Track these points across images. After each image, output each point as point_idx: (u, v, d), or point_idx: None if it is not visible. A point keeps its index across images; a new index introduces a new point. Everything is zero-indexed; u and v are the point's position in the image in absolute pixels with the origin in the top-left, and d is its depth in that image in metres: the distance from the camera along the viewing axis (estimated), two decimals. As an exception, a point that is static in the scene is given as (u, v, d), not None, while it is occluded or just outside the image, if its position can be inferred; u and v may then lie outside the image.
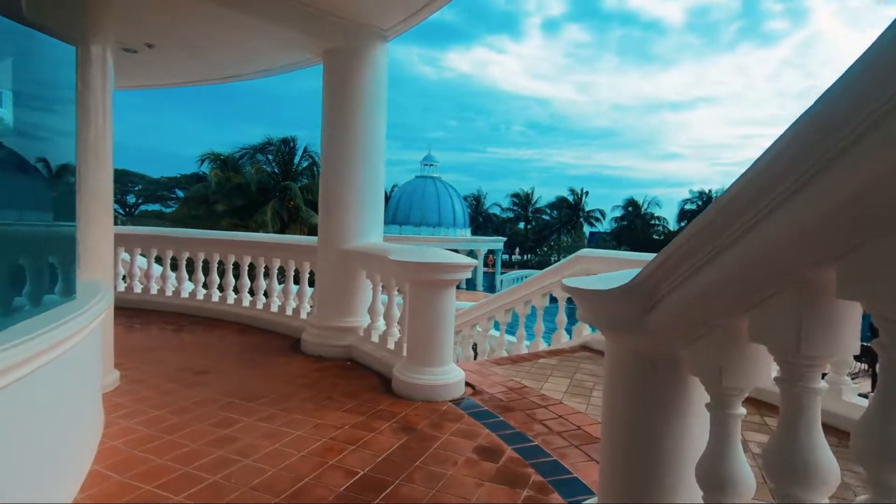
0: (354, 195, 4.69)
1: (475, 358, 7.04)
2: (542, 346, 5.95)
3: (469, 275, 3.70)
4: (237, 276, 6.14)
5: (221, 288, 6.20)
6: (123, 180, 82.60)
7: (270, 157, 22.47)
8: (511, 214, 59.57)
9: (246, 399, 3.38)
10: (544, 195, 60.20)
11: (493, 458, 2.64)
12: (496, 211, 59.20)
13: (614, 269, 4.79)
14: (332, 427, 2.97)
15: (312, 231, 24.33)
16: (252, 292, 6.03)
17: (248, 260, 6.01)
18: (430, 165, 36.13)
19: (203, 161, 25.64)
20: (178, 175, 40.57)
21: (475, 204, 57.20)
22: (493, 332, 7.16)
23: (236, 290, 6.18)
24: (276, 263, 5.79)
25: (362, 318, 4.70)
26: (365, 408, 3.30)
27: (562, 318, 5.77)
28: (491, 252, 39.38)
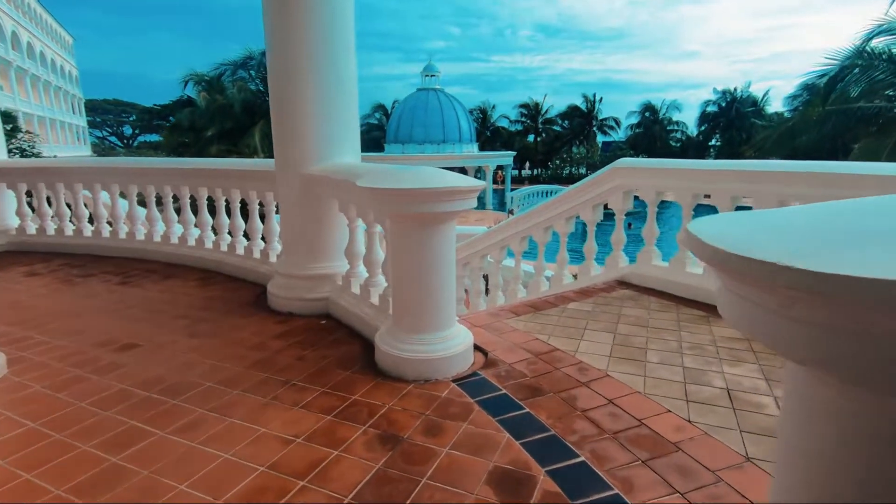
0: (315, 99, 3.46)
1: (486, 293, 6.07)
2: (567, 279, 4.93)
3: (474, 203, 2.57)
4: (196, 211, 5.08)
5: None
6: (117, 111, 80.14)
7: (253, 72, 20.36)
8: (520, 127, 56.63)
9: (170, 392, 2.43)
10: (555, 104, 56.61)
11: (520, 494, 1.69)
12: (504, 124, 56.24)
13: (663, 183, 3.52)
14: (279, 441, 2.02)
15: None
16: (215, 231, 4.99)
17: (204, 193, 4.90)
18: (432, 76, 33.37)
19: (186, 83, 23.66)
20: (170, 101, 38.24)
21: (481, 117, 54.18)
22: (507, 261, 6.15)
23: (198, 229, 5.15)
24: (237, 196, 4.68)
25: (340, 262, 3.66)
26: (333, 400, 2.35)
27: (591, 245, 4.69)
28: (500, 168, 37.62)
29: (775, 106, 46.06)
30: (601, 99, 52.30)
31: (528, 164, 56.69)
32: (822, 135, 9.89)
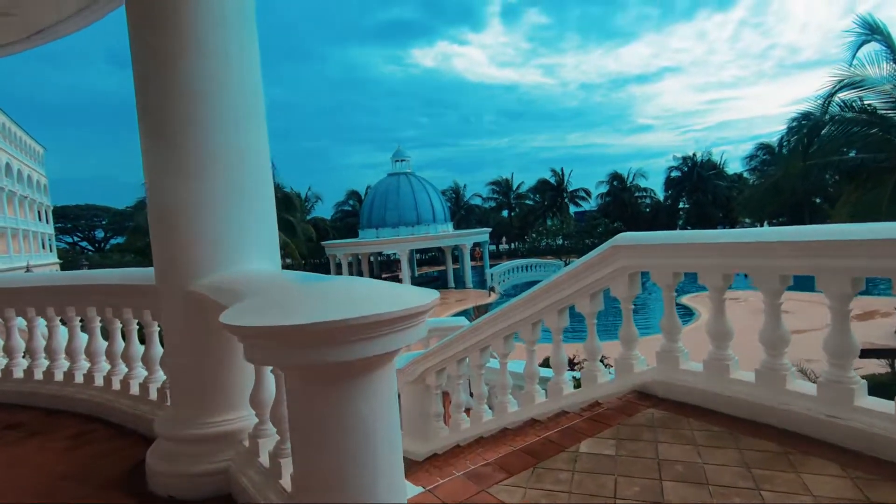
0: (205, 186, 2.52)
1: (467, 413, 4.87)
2: (567, 386, 3.86)
3: (421, 332, 1.54)
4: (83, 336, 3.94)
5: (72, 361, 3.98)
6: (89, 215, 79.38)
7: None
8: (493, 203, 57.63)
9: None
10: (525, 180, 58.12)
11: None
12: (477, 202, 57.17)
13: (683, 261, 2.55)
14: None
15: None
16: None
17: (70, 312, 3.81)
18: (402, 161, 33.80)
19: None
20: (136, 202, 37.69)
21: (455, 197, 55.10)
22: (492, 363, 5.06)
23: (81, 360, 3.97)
24: (127, 317, 3.58)
25: (246, 411, 2.53)
26: None
27: (593, 344, 3.69)
28: (477, 245, 37.32)
29: (732, 167, 48.14)
30: (570, 172, 54.04)
31: (504, 239, 57.01)
32: (806, 189, 9.60)
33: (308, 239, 41.65)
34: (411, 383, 5.19)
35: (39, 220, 52.41)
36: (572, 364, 10.39)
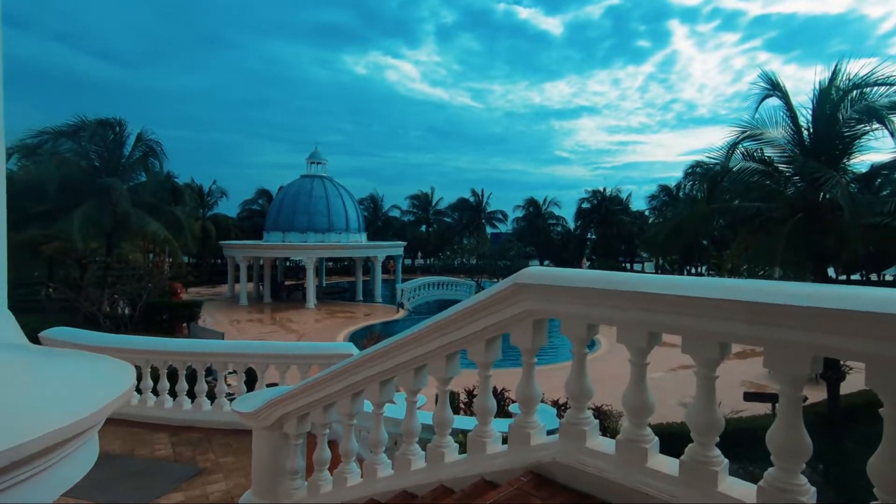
0: None
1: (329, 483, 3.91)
2: (452, 451, 3.09)
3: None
4: None
5: None
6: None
7: (88, 144, 17.04)
8: (412, 217, 57.03)
9: None
10: (445, 197, 58.29)
11: None
12: (396, 214, 56.25)
13: (603, 313, 2.28)
14: None
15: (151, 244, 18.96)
16: None
17: None
18: (318, 164, 32.03)
19: (11, 156, 19.45)
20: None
21: (373, 207, 53.75)
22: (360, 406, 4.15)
23: None
24: None
25: None
26: None
27: (485, 403, 2.97)
28: (391, 258, 36.29)
29: (635, 204, 51.79)
30: (490, 194, 54.96)
31: (420, 254, 56.48)
32: (700, 232, 9.95)
33: (206, 236, 38.15)
34: (267, 429, 4.14)
35: None
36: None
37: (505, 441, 2.94)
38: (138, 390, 6.42)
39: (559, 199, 53.55)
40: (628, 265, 50.70)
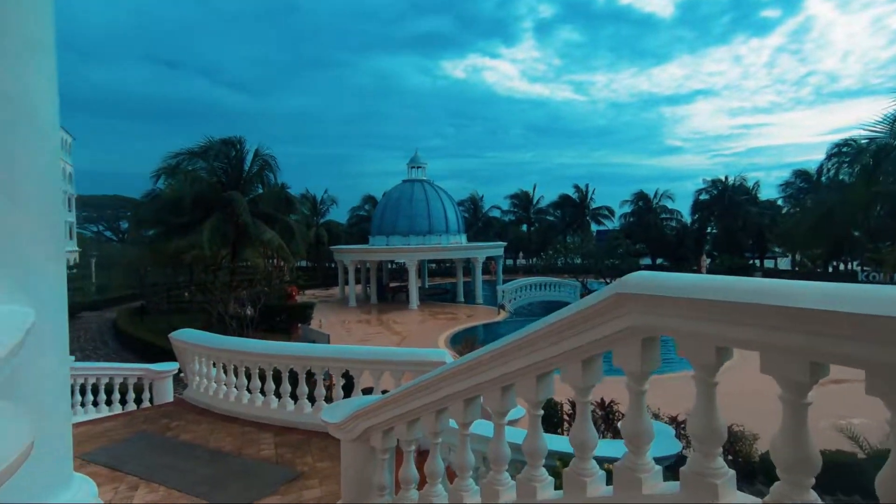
0: None
1: None
2: (542, 492, 2.67)
3: None
4: None
5: None
6: (115, 205, 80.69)
7: (214, 162, 19.05)
8: (512, 217, 56.31)
9: None
10: (546, 195, 56.63)
11: None
12: (496, 214, 55.91)
13: (736, 329, 1.33)
14: None
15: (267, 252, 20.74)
16: None
17: None
18: (418, 168, 32.82)
19: (158, 176, 22.50)
20: (143, 195, 37.45)
21: (472, 208, 53.97)
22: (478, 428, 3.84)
23: None
24: None
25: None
26: None
27: (583, 434, 2.49)
28: (491, 258, 36.03)
29: (764, 194, 46.01)
30: (594, 189, 52.43)
31: (521, 254, 55.56)
32: (864, 221, 8.16)
33: (319, 242, 41.02)
34: (353, 441, 4.01)
35: (63, 208, 53.19)
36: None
37: (610, 479, 2.45)
38: (248, 390, 6.78)
39: (672, 191, 49.26)
40: (757, 261, 45.22)
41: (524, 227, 55.84)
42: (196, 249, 16.58)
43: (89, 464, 5.40)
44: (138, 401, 9.45)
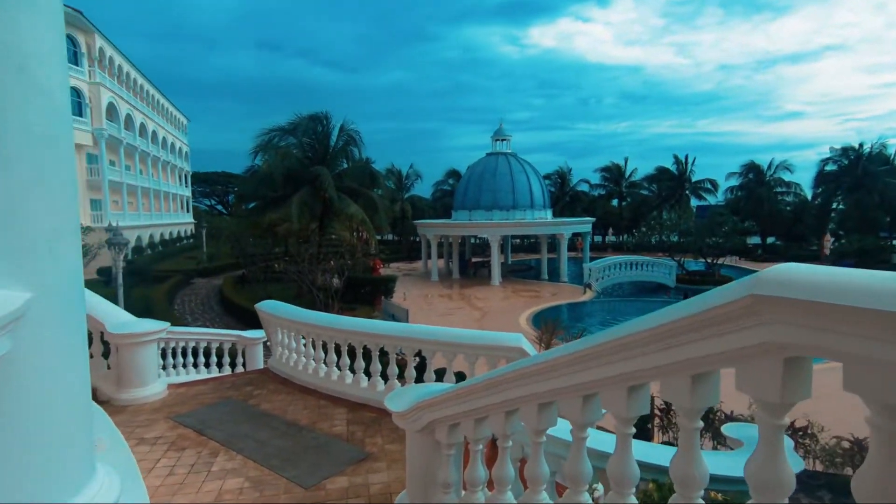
0: None
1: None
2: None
3: None
4: None
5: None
6: (224, 181, 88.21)
7: (302, 138, 19.65)
8: (602, 191, 53.42)
9: None
10: (640, 168, 52.89)
11: None
12: (584, 188, 53.33)
13: None
14: None
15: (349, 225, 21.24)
16: None
17: None
18: (502, 140, 31.86)
19: (256, 153, 23.82)
20: (243, 171, 40.07)
21: (559, 182, 51.84)
22: (516, 426, 3.41)
23: None
24: None
25: None
26: None
27: (689, 468, 1.93)
28: (578, 235, 34.45)
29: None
30: (694, 160, 48.04)
31: (611, 231, 52.74)
32: None
33: (404, 216, 41.76)
34: (419, 432, 3.74)
35: (180, 183, 58.98)
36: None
37: None
38: (325, 363, 6.83)
39: (790, 162, 43.51)
40: (896, 242, 38.99)
41: (615, 202, 52.80)
42: (287, 222, 17.46)
43: (180, 426, 5.72)
44: (232, 364, 10.08)
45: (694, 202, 49.06)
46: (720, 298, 1.56)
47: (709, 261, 30.81)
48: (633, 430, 2.23)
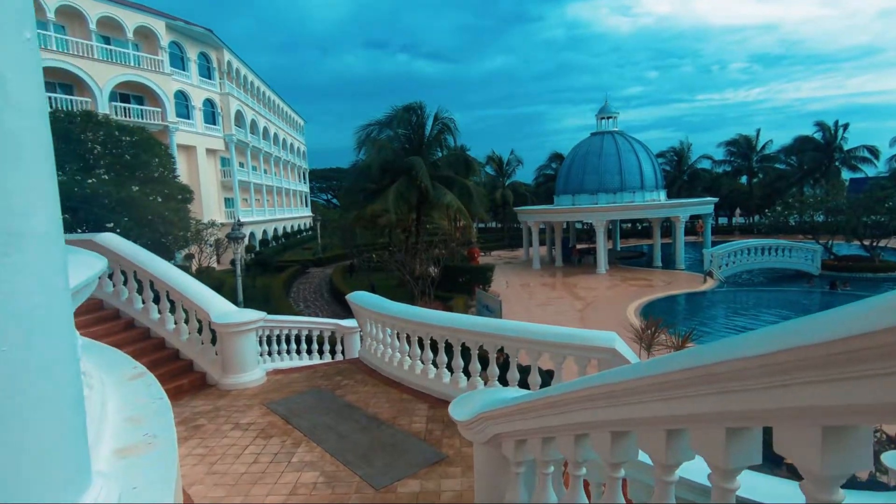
0: None
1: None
2: None
3: None
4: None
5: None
6: (338, 177, 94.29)
7: (398, 129, 19.90)
8: (728, 168, 47.84)
9: None
10: (776, 139, 46.36)
11: None
12: (706, 165, 48.17)
13: None
14: None
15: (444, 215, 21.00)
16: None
17: None
18: (608, 118, 29.70)
19: (360, 148, 24.77)
20: (350, 165, 42.05)
21: (676, 160, 47.36)
22: (589, 453, 2.84)
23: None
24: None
25: None
26: None
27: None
28: (697, 217, 31.18)
29: None
30: (846, 126, 40.90)
31: (738, 212, 47.09)
32: None
33: (505, 203, 41.07)
34: (484, 444, 3.36)
35: (299, 180, 64.10)
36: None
37: None
38: (409, 356, 6.72)
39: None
40: None
41: (743, 179, 46.98)
42: (386, 213, 17.93)
43: (271, 413, 5.95)
44: (332, 352, 10.49)
45: (846, 175, 41.90)
46: (879, 318, 0.96)
47: (866, 243, 26.02)
48: (737, 484, 1.64)
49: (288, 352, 9.67)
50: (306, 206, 67.13)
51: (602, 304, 20.32)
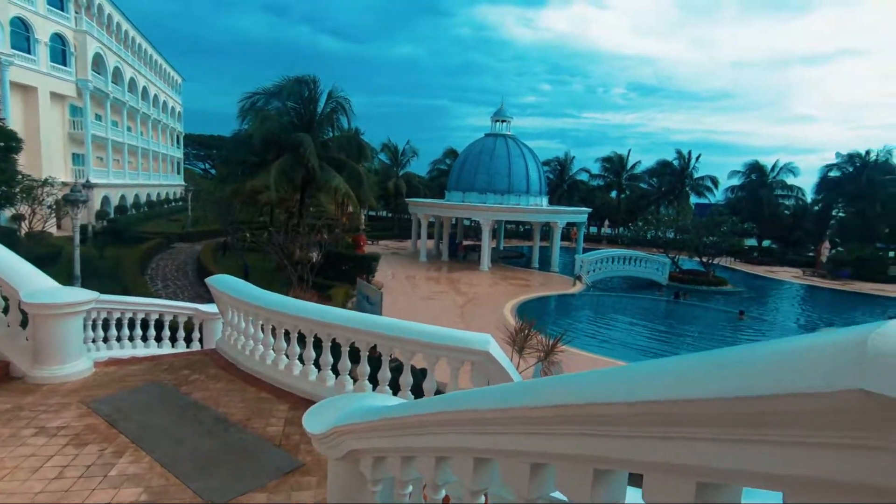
0: None
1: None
2: None
3: None
4: None
5: None
6: (219, 145, 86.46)
7: (287, 102, 18.57)
8: (601, 182, 52.50)
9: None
10: (644, 161, 51.89)
11: None
12: (584, 178, 52.37)
13: None
14: None
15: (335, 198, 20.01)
16: None
17: None
18: (503, 122, 30.75)
19: (244, 116, 22.61)
20: (231, 134, 38.67)
21: (559, 170, 50.83)
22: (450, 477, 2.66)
23: None
24: None
25: None
26: None
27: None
28: (573, 225, 33.69)
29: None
30: (698, 157, 47.10)
31: (607, 223, 52.01)
32: None
33: (398, 193, 40.72)
34: (340, 460, 2.99)
35: (171, 144, 57.37)
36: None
37: None
38: (273, 350, 6.10)
39: (795, 165, 42.59)
40: (892, 253, 38.54)
41: (613, 194, 51.93)
42: (268, 191, 16.58)
43: (93, 414, 4.97)
44: (188, 340, 9.32)
45: (694, 199, 48.29)
46: (811, 377, 0.78)
47: (704, 260, 30.20)
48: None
49: (131, 339, 8.37)
50: (178, 173, 60.47)
51: (483, 300, 20.94)
